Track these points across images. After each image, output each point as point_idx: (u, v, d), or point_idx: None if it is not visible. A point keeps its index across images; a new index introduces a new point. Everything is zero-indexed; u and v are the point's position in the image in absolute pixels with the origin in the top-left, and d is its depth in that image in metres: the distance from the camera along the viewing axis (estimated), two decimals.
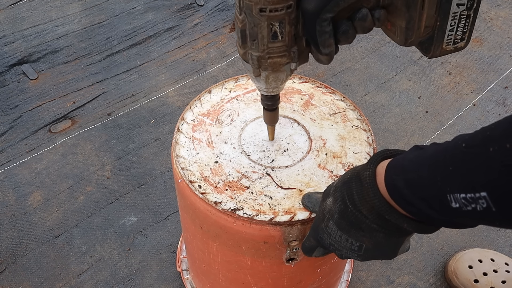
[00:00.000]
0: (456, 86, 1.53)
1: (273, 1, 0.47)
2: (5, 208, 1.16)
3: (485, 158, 0.34)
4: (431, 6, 0.46)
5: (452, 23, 0.47)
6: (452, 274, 1.01)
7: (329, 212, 0.51)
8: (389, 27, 0.50)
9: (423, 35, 0.49)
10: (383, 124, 1.40)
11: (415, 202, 0.41)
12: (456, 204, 0.37)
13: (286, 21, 0.50)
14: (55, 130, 1.35)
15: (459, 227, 0.41)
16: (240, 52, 0.55)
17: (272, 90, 0.60)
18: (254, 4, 0.48)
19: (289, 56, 0.53)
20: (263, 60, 0.53)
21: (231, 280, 0.74)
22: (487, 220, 0.36)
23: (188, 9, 1.76)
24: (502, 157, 0.33)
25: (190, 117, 0.75)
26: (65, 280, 1.03)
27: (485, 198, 0.34)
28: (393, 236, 0.47)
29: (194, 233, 0.71)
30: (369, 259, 0.51)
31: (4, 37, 1.55)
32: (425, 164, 0.40)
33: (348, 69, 1.58)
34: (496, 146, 0.33)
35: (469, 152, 0.36)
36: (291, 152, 0.69)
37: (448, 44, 0.49)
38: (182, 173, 0.65)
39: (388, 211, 0.44)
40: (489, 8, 1.86)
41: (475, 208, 0.35)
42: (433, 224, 0.43)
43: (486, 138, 0.35)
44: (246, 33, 0.52)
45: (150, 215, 1.15)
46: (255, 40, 0.51)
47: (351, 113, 0.76)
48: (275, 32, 0.50)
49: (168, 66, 1.57)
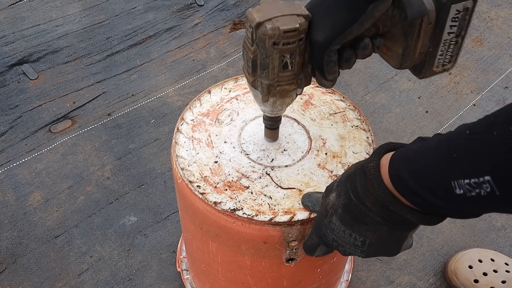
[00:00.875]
0: (456, 86, 1.53)
1: (286, 36, 0.50)
2: (5, 208, 1.16)
3: (489, 143, 0.35)
4: (426, 35, 0.50)
5: (443, 49, 0.51)
6: (452, 274, 1.01)
7: (333, 207, 0.51)
8: (385, 51, 0.54)
9: (417, 60, 0.53)
10: (383, 124, 1.40)
11: (420, 192, 0.41)
12: (460, 191, 0.37)
13: (297, 52, 0.52)
14: (55, 130, 1.35)
15: (463, 217, 0.41)
16: (249, 80, 0.57)
17: (276, 113, 0.63)
18: (268, 38, 0.50)
19: (296, 83, 0.56)
20: (272, 88, 0.55)
21: (231, 280, 0.74)
22: (491, 205, 0.37)
23: (188, 9, 1.77)
24: (506, 140, 0.33)
25: (189, 117, 0.75)
26: (65, 280, 1.03)
27: (489, 182, 0.34)
28: (397, 230, 0.47)
29: (194, 233, 0.71)
30: (372, 255, 0.51)
31: (4, 37, 1.55)
32: (429, 154, 0.41)
33: (348, 69, 1.58)
34: (500, 130, 0.34)
35: (473, 139, 0.36)
36: (291, 152, 0.69)
37: (437, 67, 0.54)
38: (182, 173, 0.65)
39: (393, 202, 0.44)
40: (489, 8, 1.86)
41: (479, 193, 0.36)
42: (438, 214, 0.44)
43: (489, 124, 0.35)
44: (257, 63, 0.54)
45: (150, 215, 1.15)
46: (266, 69, 0.53)
47: (350, 113, 0.76)
48: (285, 63, 0.52)
49: (168, 66, 1.57)
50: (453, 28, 0.50)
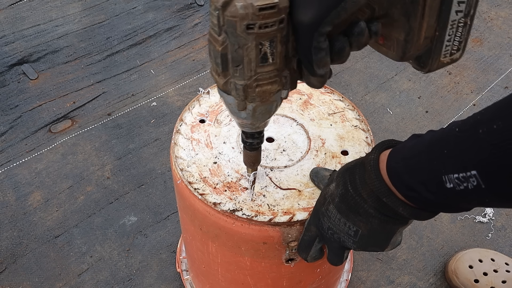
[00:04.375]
0: (456, 86, 1.53)
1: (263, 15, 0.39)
2: (5, 208, 1.16)
3: (475, 140, 0.37)
4: (432, 14, 0.41)
5: (450, 32, 0.44)
6: (452, 274, 1.01)
7: (331, 196, 0.53)
8: (381, 42, 0.45)
9: (421, 48, 0.44)
10: (383, 124, 1.40)
11: (415, 186, 0.43)
12: (450, 185, 0.39)
13: (278, 39, 0.41)
14: (55, 130, 1.35)
15: (455, 211, 0.43)
16: (220, 83, 0.45)
17: (258, 125, 0.51)
18: (240, 20, 0.39)
19: (280, 82, 0.45)
20: (250, 90, 0.44)
21: (231, 281, 0.74)
22: (478, 199, 0.39)
23: (188, 9, 1.76)
24: (490, 137, 0.36)
25: (188, 118, 0.75)
26: (65, 280, 1.03)
27: (475, 176, 0.37)
28: (387, 224, 0.49)
29: (194, 234, 0.71)
30: (363, 247, 0.53)
31: (4, 37, 1.55)
32: (423, 150, 0.43)
33: (348, 69, 1.58)
34: (485, 127, 0.36)
35: (461, 136, 0.39)
36: (290, 152, 0.69)
37: (445, 56, 0.46)
38: (181, 174, 0.65)
39: (387, 194, 0.46)
40: (489, 8, 1.86)
41: (466, 187, 0.38)
42: (430, 209, 0.45)
43: (476, 122, 0.38)
44: (227, 58, 0.43)
45: (150, 215, 1.15)
46: (240, 65, 0.43)
47: (350, 113, 0.76)
48: (264, 53, 0.42)
49: (168, 66, 1.57)
50: (461, 5, 0.42)
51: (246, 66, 0.43)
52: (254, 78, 0.44)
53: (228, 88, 0.46)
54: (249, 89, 0.45)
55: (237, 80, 0.44)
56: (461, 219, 1.15)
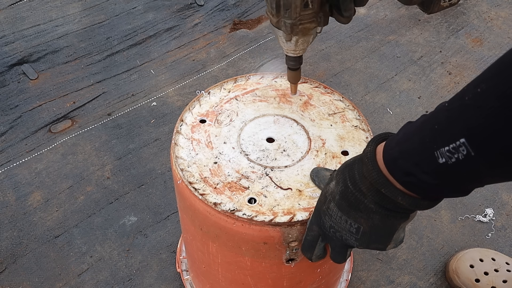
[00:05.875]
0: (456, 86, 1.53)
1: None
2: (5, 208, 1.16)
3: (462, 108, 0.37)
4: None
5: None
6: (453, 274, 1.01)
7: (331, 194, 0.53)
8: None
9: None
10: (383, 124, 1.40)
11: (411, 169, 0.43)
12: (442, 159, 0.39)
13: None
14: (55, 130, 1.35)
15: (453, 194, 0.43)
16: (273, 21, 0.63)
17: (298, 52, 0.68)
18: None
19: (316, 21, 0.62)
20: (295, 27, 0.61)
21: (231, 281, 0.74)
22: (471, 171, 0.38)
23: (188, 9, 1.76)
24: (475, 101, 0.36)
25: (189, 118, 0.75)
26: (65, 280, 1.03)
27: (464, 144, 0.36)
28: (388, 219, 0.49)
29: (194, 234, 0.71)
30: (365, 244, 0.53)
31: (4, 37, 1.55)
32: (416, 132, 0.43)
33: (348, 69, 1.58)
34: (470, 94, 0.37)
35: (450, 108, 0.39)
36: (290, 152, 0.69)
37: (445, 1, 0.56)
38: (182, 174, 0.65)
39: (385, 184, 0.46)
40: (489, 8, 1.86)
41: (458, 158, 0.37)
42: (429, 195, 0.45)
43: (463, 92, 0.38)
44: (280, 3, 0.60)
45: (150, 215, 1.15)
46: (289, 9, 0.59)
47: (350, 113, 0.76)
48: (306, 1, 0.58)
49: (168, 66, 1.57)
50: None
51: (293, 10, 0.59)
52: (298, 19, 0.60)
53: (279, 25, 0.63)
54: (295, 26, 0.61)
55: (286, 19, 0.61)
56: (462, 219, 1.16)
